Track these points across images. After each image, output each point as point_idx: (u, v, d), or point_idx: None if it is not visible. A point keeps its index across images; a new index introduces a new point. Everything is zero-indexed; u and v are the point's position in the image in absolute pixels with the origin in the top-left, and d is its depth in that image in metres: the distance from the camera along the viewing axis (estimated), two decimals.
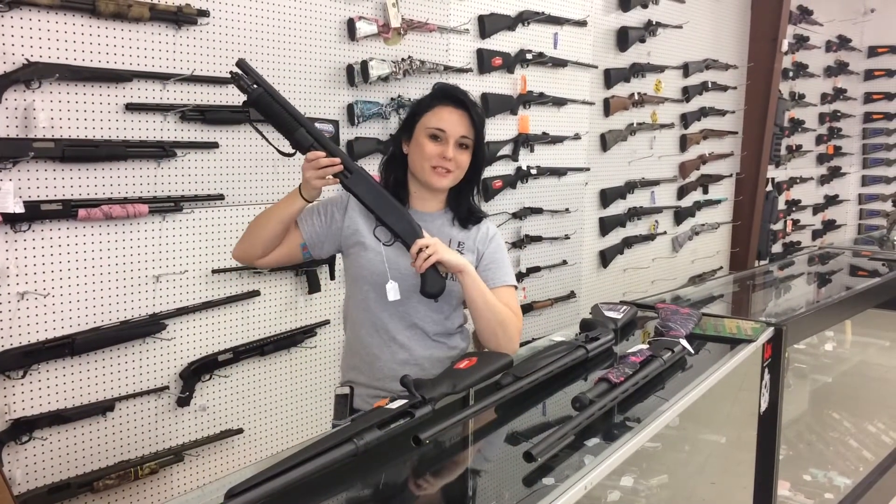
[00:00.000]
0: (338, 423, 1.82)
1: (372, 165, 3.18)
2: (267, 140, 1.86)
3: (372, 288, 1.86)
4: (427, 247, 1.73)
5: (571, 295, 4.35)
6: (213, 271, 2.71)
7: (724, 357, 1.98)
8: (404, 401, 1.38)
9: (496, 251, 1.94)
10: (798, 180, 6.80)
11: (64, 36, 2.30)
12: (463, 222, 1.92)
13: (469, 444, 1.51)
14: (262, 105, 1.75)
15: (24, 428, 2.29)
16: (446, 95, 1.87)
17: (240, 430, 2.84)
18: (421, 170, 1.85)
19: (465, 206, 1.93)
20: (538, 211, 4.04)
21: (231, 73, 1.75)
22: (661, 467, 2.30)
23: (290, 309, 2.97)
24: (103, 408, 2.45)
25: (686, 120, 5.26)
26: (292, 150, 1.79)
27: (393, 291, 1.82)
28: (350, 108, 3.08)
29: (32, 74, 2.22)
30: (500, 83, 3.77)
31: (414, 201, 1.91)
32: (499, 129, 3.80)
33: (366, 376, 1.90)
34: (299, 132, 1.76)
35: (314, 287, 3.00)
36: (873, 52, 7.51)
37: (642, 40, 4.67)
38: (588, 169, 4.39)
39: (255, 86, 1.74)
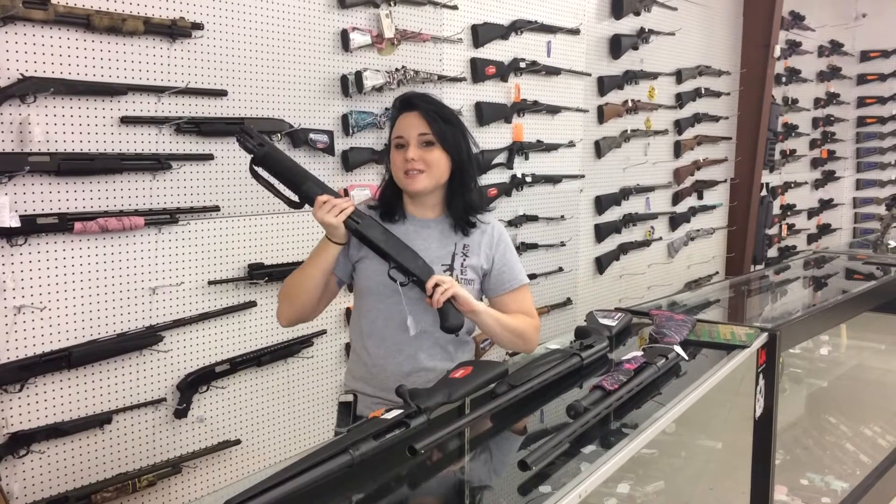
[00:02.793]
0: (340, 431, 1.83)
1: (367, 175, 3.20)
2: (277, 194, 1.89)
3: (380, 299, 1.89)
4: (443, 282, 1.78)
5: (568, 302, 4.36)
6: (210, 283, 2.72)
7: (719, 363, 1.99)
8: (400, 411, 1.39)
9: (506, 252, 1.97)
10: (792, 185, 6.82)
11: (59, 50, 2.31)
12: (463, 225, 1.93)
13: (465, 453, 1.52)
14: (269, 162, 1.84)
15: (21, 441, 2.28)
16: (400, 105, 1.91)
17: (237, 442, 2.84)
18: (398, 180, 1.89)
19: (459, 206, 1.92)
20: (534, 218, 4.06)
21: (237, 137, 1.85)
22: (658, 474, 2.30)
23: None
24: (101, 420, 2.46)
25: (680, 126, 5.29)
26: (297, 200, 1.87)
27: (413, 327, 1.85)
28: (345, 118, 3.09)
29: (28, 89, 2.23)
30: (494, 92, 3.78)
31: (412, 210, 1.93)
32: (493, 137, 3.82)
33: (371, 386, 1.92)
34: (307, 184, 1.83)
35: None
36: (865, 56, 7.55)
37: (635, 48, 4.70)
38: (583, 176, 4.41)
39: (260, 145, 1.82)
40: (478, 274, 1.92)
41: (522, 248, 4.01)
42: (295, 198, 1.87)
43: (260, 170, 1.85)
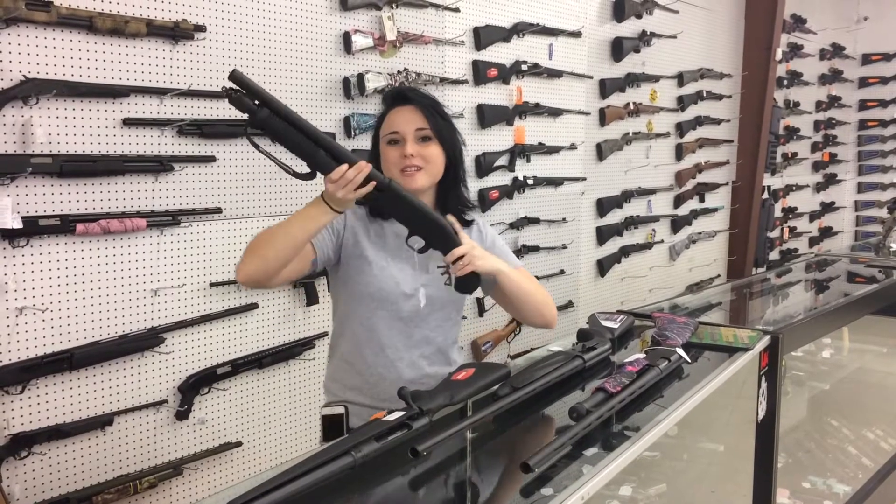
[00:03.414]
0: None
1: None
2: (280, 164, 1.58)
3: (380, 305, 1.82)
4: (463, 256, 1.72)
5: (569, 304, 4.36)
6: (212, 284, 2.72)
7: (722, 365, 1.99)
8: (402, 413, 1.39)
9: (495, 242, 1.97)
10: (794, 188, 6.82)
11: (61, 52, 2.31)
12: None
13: (467, 455, 1.52)
14: (272, 128, 1.49)
15: (22, 443, 2.29)
16: (392, 99, 1.85)
17: (238, 444, 2.84)
18: (393, 178, 1.84)
19: (453, 203, 1.88)
20: (535, 221, 4.05)
21: (226, 89, 1.46)
22: (660, 476, 2.30)
23: (289, 321, 2.98)
24: (102, 422, 2.46)
25: (681, 129, 5.29)
26: (308, 171, 1.58)
27: (424, 298, 1.82)
28: (347, 120, 3.09)
29: (30, 90, 2.23)
30: (495, 94, 3.78)
31: None
32: (495, 139, 3.82)
33: (368, 397, 1.86)
34: (320, 155, 1.53)
35: (312, 299, 3.01)
36: (867, 59, 7.55)
37: (637, 50, 4.70)
38: (584, 179, 4.41)
39: (256, 103, 1.47)
40: None
41: (524, 250, 4.01)
42: (304, 167, 1.56)
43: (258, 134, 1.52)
